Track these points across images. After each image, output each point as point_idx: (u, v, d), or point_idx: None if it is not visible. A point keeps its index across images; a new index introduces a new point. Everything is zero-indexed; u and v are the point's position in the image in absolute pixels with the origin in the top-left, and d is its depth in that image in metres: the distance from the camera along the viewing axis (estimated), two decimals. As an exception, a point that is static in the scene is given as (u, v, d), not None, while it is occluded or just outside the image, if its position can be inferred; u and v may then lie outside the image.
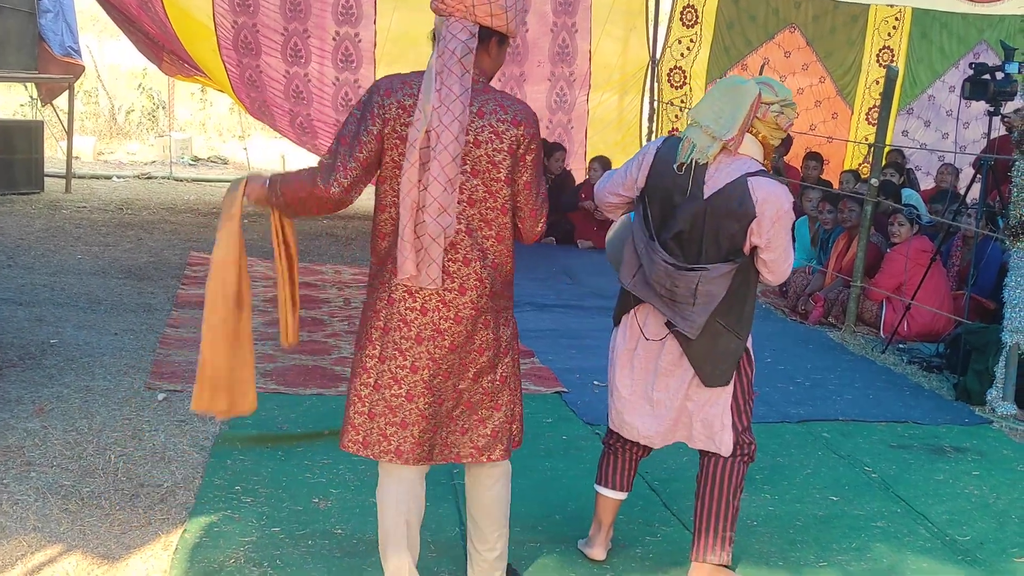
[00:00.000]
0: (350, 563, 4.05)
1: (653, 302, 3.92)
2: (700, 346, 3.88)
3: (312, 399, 5.93)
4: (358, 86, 11.99)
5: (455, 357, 3.49)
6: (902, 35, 12.75)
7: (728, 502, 4.00)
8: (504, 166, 3.43)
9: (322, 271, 9.45)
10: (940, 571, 4.32)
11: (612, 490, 4.23)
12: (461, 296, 3.46)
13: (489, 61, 3.51)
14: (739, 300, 3.89)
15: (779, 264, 3.87)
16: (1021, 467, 5.55)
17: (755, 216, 3.76)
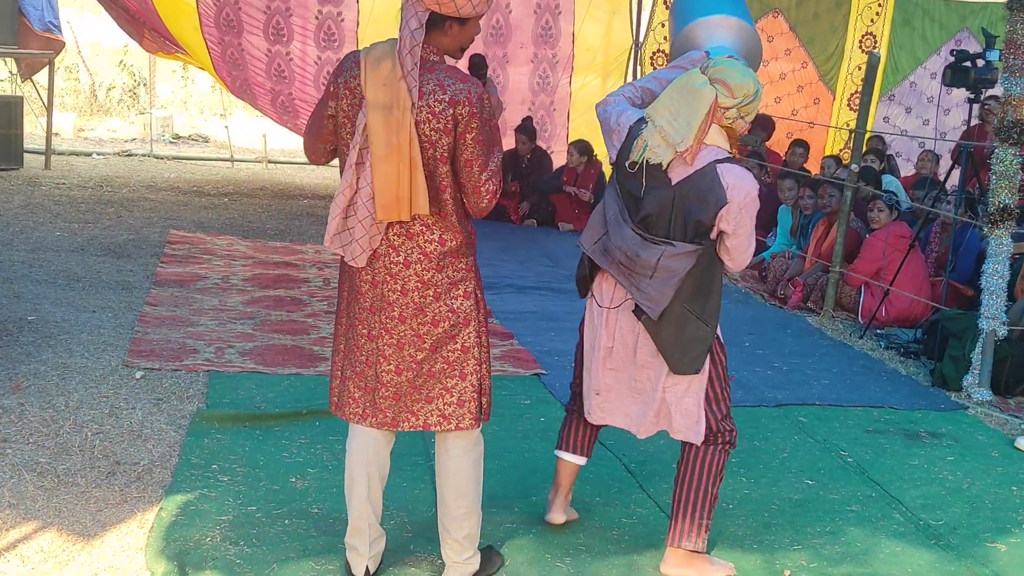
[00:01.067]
0: (326, 542, 4.06)
1: (610, 270, 3.96)
2: (668, 333, 3.90)
3: (290, 379, 5.92)
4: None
5: (407, 328, 3.63)
6: (885, 21, 12.76)
7: (706, 490, 4.03)
8: (441, 145, 3.53)
9: (302, 251, 9.42)
10: (913, 555, 4.35)
11: (572, 454, 4.31)
12: (406, 269, 3.61)
13: (448, 40, 3.59)
14: (706, 286, 3.91)
15: (741, 251, 3.90)
16: (995, 453, 5.59)
17: (727, 202, 3.77)
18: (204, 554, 3.91)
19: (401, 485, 4.62)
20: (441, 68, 3.57)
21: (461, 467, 3.78)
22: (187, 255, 8.79)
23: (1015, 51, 6.35)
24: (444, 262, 3.64)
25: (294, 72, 11.87)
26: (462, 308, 3.68)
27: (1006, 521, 4.74)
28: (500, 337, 7.03)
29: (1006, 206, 6.37)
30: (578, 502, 4.57)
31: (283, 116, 12.27)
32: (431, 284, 3.63)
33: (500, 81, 12.46)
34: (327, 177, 14.57)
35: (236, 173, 14.19)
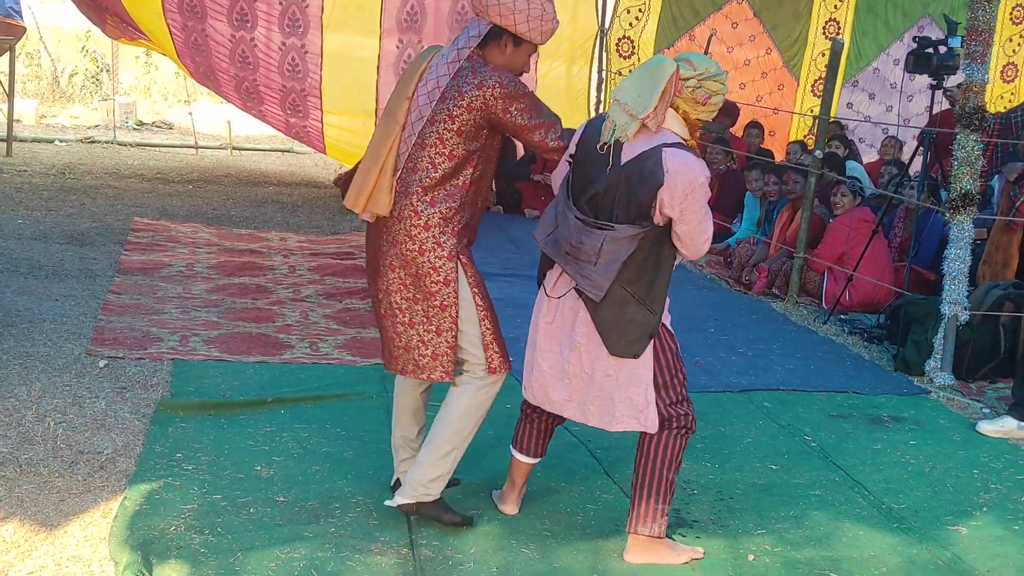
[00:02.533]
0: (292, 530, 4.05)
1: (558, 259, 4.00)
2: (606, 314, 3.92)
3: (256, 367, 5.90)
4: (305, 51, 11.87)
5: (395, 276, 4.06)
6: (848, 8, 12.80)
7: (662, 475, 4.02)
8: (462, 120, 3.97)
9: (267, 238, 9.39)
10: (875, 538, 4.39)
11: (525, 455, 4.37)
12: (398, 223, 4.03)
13: (502, 58, 4.06)
14: (649, 270, 3.92)
15: (693, 238, 3.90)
16: (957, 437, 5.64)
17: (662, 183, 3.78)
18: (168, 543, 3.89)
19: (366, 473, 4.62)
20: (479, 64, 4.01)
21: (453, 405, 4.17)
22: (151, 243, 8.74)
23: (976, 38, 6.39)
24: (432, 221, 4.01)
25: (258, 58, 11.79)
26: (444, 267, 4.02)
27: (967, 504, 4.79)
28: (466, 324, 7.03)
29: (968, 192, 6.42)
30: (543, 488, 4.60)
31: (247, 103, 12.19)
32: (417, 239, 4.00)
33: (466, 67, 12.41)
34: (292, 164, 14.52)
35: (200, 160, 14.11)
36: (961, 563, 4.22)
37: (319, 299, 7.46)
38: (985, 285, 6.93)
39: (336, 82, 12.07)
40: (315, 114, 12.19)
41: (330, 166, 13.66)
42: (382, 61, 12.20)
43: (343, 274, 8.20)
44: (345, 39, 12.00)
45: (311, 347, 6.31)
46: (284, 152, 15.27)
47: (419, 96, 4.06)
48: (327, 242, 9.40)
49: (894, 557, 4.24)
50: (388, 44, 12.16)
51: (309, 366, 5.98)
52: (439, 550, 3.99)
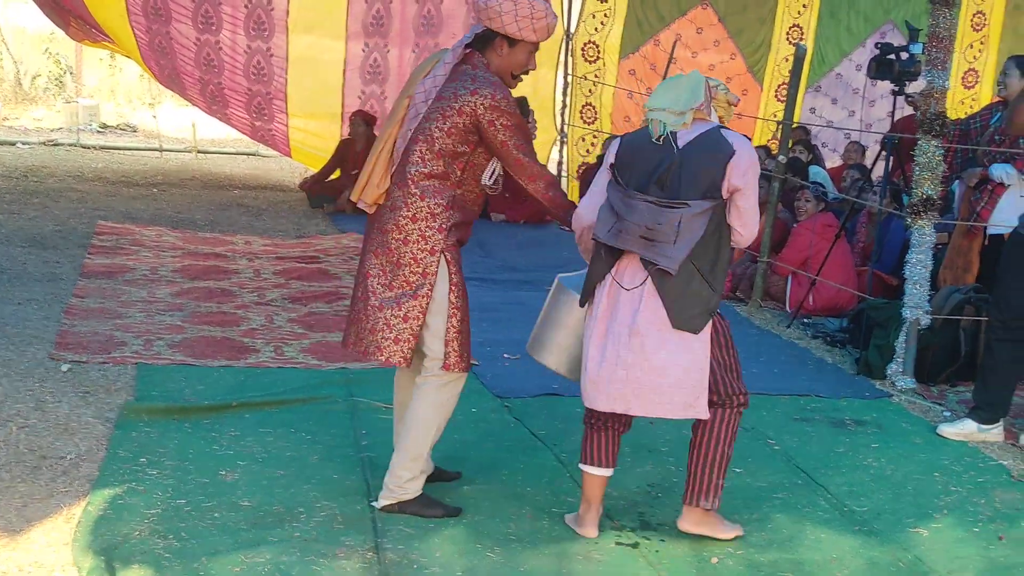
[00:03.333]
0: (256, 535, 4.04)
1: (632, 247, 4.06)
2: (675, 287, 4.04)
3: (220, 371, 5.88)
4: (270, 54, 11.85)
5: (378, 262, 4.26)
6: (811, 13, 12.90)
7: (723, 452, 4.24)
8: (452, 121, 4.16)
9: (232, 241, 9.36)
10: (838, 541, 4.42)
11: (597, 467, 4.31)
12: (391, 212, 4.22)
13: (498, 60, 4.27)
14: (712, 249, 4.09)
15: (752, 215, 4.12)
16: (918, 440, 5.69)
17: (734, 152, 4.03)
18: (132, 548, 3.88)
19: (331, 477, 4.62)
20: (481, 73, 4.21)
21: (415, 405, 4.31)
22: (115, 246, 8.70)
23: (938, 44, 6.45)
24: (420, 214, 4.20)
25: (223, 61, 11.76)
26: (424, 260, 4.20)
27: (928, 507, 4.84)
28: (432, 328, 7.04)
29: (929, 197, 6.48)
30: (509, 492, 4.61)
31: (212, 106, 12.16)
32: (403, 229, 4.20)
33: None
34: (257, 167, 14.48)
35: (165, 163, 14.05)
36: (922, 565, 4.26)
37: (284, 303, 7.44)
38: (946, 289, 6.99)
39: (302, 85, 12.05)
40: (280, 117, 12.18)
41: (296, 169, 13.63)
42: (348, 64, 12.20)
43: (308, 278, 8.18)
44: (311, 42, 12.00)
45: (276, 351, 6.30)
46: (249, 155, 15.23)
47: (418, 94, 4.25)
48: (292, 246, 9.38)
49: (856, 559, 4.28)
50: (354, 47, 12.16)
51: (274, 370, 5.96)
52: (404, 554, 3.99)
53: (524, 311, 7.70)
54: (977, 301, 6.78)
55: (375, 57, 12.25)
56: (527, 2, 4.16)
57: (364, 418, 5.33)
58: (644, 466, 5.04)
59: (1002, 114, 7.03)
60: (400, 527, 4.19)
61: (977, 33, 13.39)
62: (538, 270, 9.17)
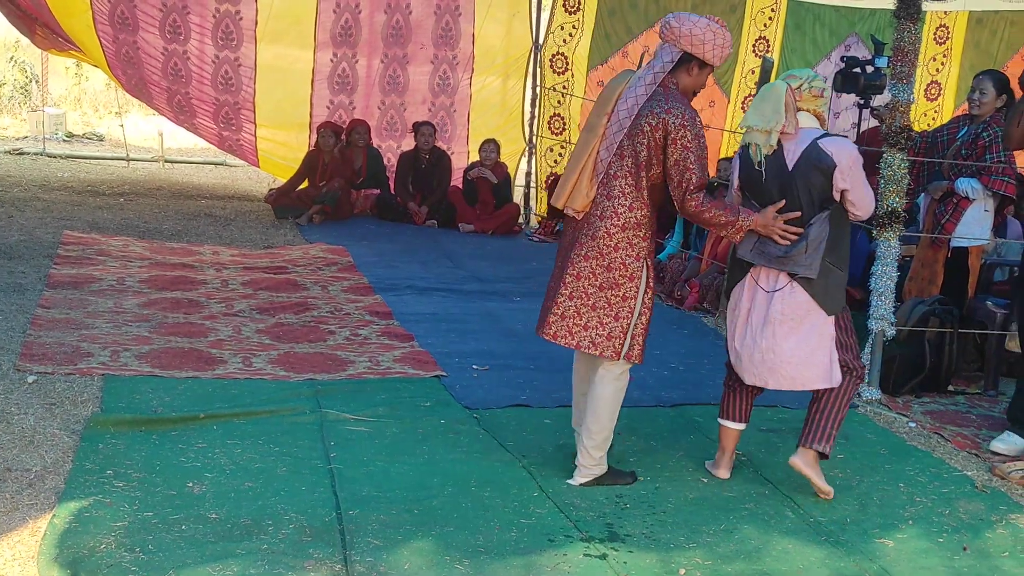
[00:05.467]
0: (224, 547, 4.03)
1: (771, 264, 4.86)
2: (819, 285, 4.82)
3: (188, 382, 5.86)
4: (238, 64, 11.83)
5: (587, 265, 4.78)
6: (777, 26, 12.99)
7: (839, 409, 4.97)
8: (653, 138, 4.68)
9: (200, 252, 9.32)
10: (804, 552, 4.45)
11: (732, 422, 5.19)
12: (600, 221, 4.76)
13: (688, 79, 4.81)
14: (838, 240, 4.86)
15: (863, 200, 4.84)
16: (884, 451, 5.73)
17: (835, 165, 4.73)
18: (99, 561, 3.86)
19: (300, 489, 4.61)
20: (673, 92, 4.75)
21: (601, 391, 4.86)
22: (81, 256, 8.65)
23: (902, 58, 6.51)
24: (628, 223, 4.74)
25: (191, 71, 11.72)
26: (632, 265, 4.76)
27: (893, 517, 4.87)
28: (400, 339, 7.04)
29: (894, 210, 6.53)
30: (477, 504, 4.61)
31: (180, 115, 12.11)
32: (614, 237, 4.74)
33: (400, 82, 12.46)
34: (225, 177, 14.44)
35: (132, 173, 13.98)
36: (888, 575, 4.30)
37: (252, 314, 7.42)
38: (911, 301, 7.05)
39: (270, 95, 12.04)
40: (248, 127, 12.15)
41: (264, 179, 13.60)
42: (316, 74, 12.19)
43: (276, 288, 8.16)
44: (279, 52, 11.98)
45: (244, 362, 6.28)
46: (217, 165, 15.18)
47: (619, 111, 4.74)
48: (260, 256, 9.35)
49: (822, 570, 4.30)
50: (322, 57, 12.15)
51: (242, 381, 5.95)
52: (373, 566, 3.99)
53: (492, 322, 7.73)
54: (942, 313, 6.84)
55: (344, 67, 12.24)
56: (722, 33, 4.76)
57: (332, 430, 5.33)
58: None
59: (969, 128, 7.11)
60: (368, 539, 4.19)
61: (940, 46, 13.52)
62: (506, 281, 9.19)
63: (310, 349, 6.67)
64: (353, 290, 8.38)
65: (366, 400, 5.78)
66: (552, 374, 6.50)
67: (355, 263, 9.31)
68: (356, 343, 6.90)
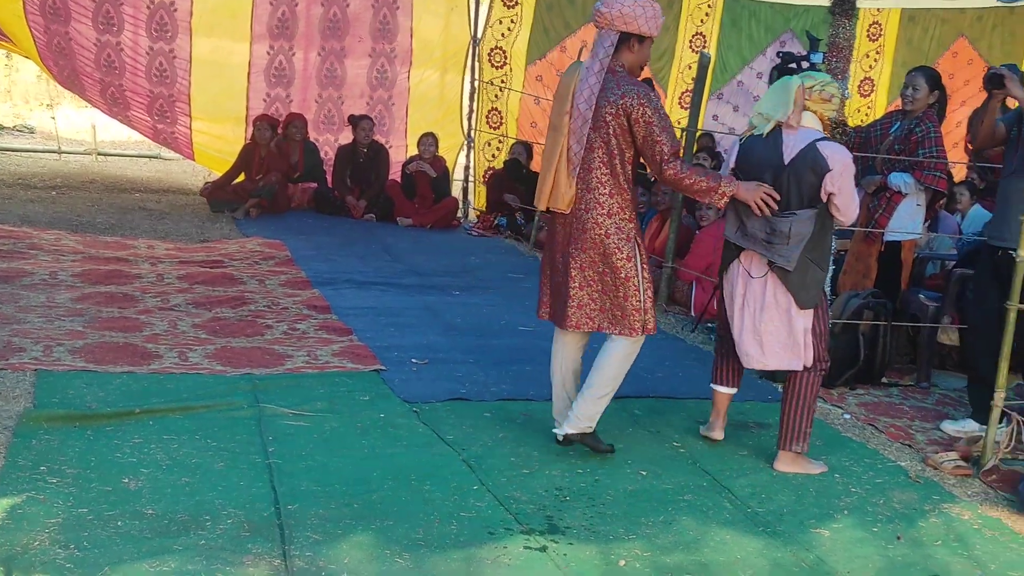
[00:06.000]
0: (161, 543, 3.99)
1: (755, 248, 5.17)
2: (796, 279, 5.13)
3: (123, 377, 5.79)
4: (173, 56, 11.70)
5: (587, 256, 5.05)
6: (714, 22, 13.08)
7: (809, 405, 5.30)
8: (617, 124, 4.93)
9: (135, 245, 9.21)
10: (742, 542, 4.49)
11: (724, 386, 5.60)
12: (586, 213, 5.02)
13: (632, 56, 5.02)
14: (821, 239, 5.17)
15: (847, 206, 5.13)
16: (819, 442, 5.78)
17: (829, 169, 5.03)
18: (32, 559, 3.80)
19: (238, 484, 4.57)
20: (622, 75, 4.99)
21: (611, 357, 5.17)
22: (11, 250, 8.51)
23: (837, 54, 6.60)
24: (613, 210, 5.00)
25: (124, 63, 11.58)
26: (625, 247, 5.02)
27: (829, 508, 4.94)
28: (339, 333, 7.01)
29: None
30: (417, 497, 4.60)
31: (113, 108, 11.96)
32: (602, 226, 5.00)
33: (338, 75, 12.39)
34: (160, 170, 14.29)
35: (64, 165, 13.79)
36: (824, 565, 4.35)
37: (188, 308, 7.34)
38: (845, 295, 7.13)
39: (205, 88, 11.92)
40: (183, 120, 12.03)
41: (199, 173, 13.47)
42: (252, 67, 12.09)
43: (213, 283, 8.09)
44: (215, 44, 11.88)
45: (180, 357, 6.22)
46: (152, 158, 15.01)
47: (578, 104, 4.95)
48: (196, 250, 9.26)
49: (760, 560, 4.35)
50: (259, 50, 12.07)
51: (178, 376, 5.88)
52: (312, 561, 3.97)
53: (431, 316, 7.72)
54: (875, 306, 6.93)
55: (280, 60, 12.15)
56: (651, 4, 4.95)
57: (271, 424, 5.29)
58: (552, 470, 5.07)
59: (902, 123, 7.20)
60: (308, 533, 4.17)
61: (873, 43, 13.70)
62: (445, 275, 9.18)
63: (247, 343, 6.62)
64: (291, 284, 8.33)
65: (304, 394, 5.75)
66: (491, 368, 6.50)
67: (292, 257, 9.25)
68: (294, 337, 6.86)
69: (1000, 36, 13.92)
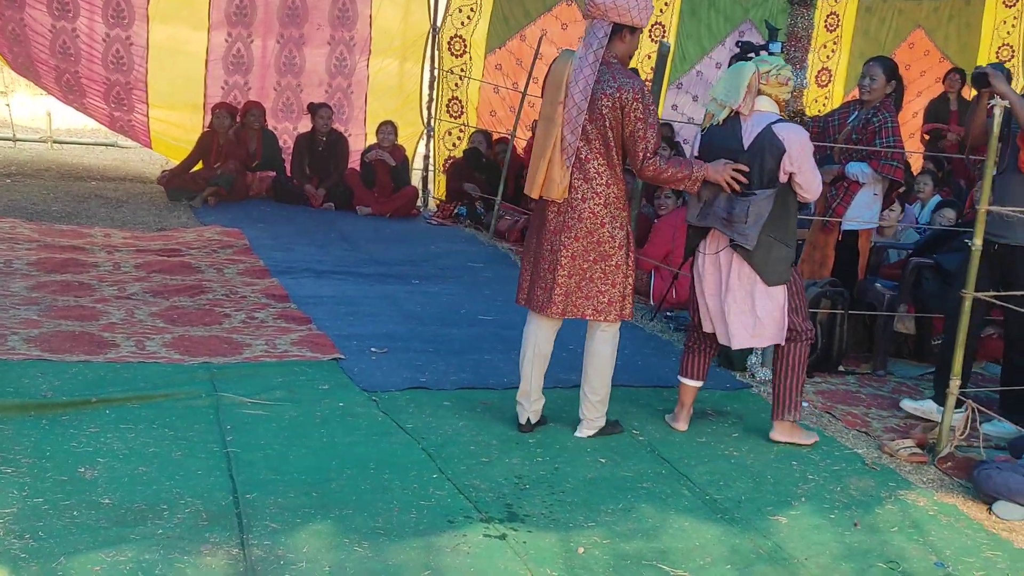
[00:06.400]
0: (118, 533, 3.96)
1: (715, 225, 5.31)
2: (759, 257, 5.28)
3: (79, 366, 5.74)
4: (130, 43, 11.59)
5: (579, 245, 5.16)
6: (673, 12, 13.10)
7: (798, 375, 5.50)
8: (612, 116, 5.01)
9: (91, 234, 9.13)
10: (701, 529, 4.51)
11: (691, 379, 5.68)
12: (582, 203, 5.12)
13: (623, 46, 5.11)
14: (783, 218, 5.29)
15: (809, 183, 5.28)
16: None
17: (785, 150, 5.15)
18: (-13, 549, 3.77)
19: (195, 473, 4.55)
20: (616, 67, 5.07)
21: (602, 350, 5.34)
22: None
23: (795, 44, 6.62)
24: (608, 201, 5.12)
25: (80, 50, 11.46)
26: (619, 235, 5.18)
27: (787, 495, 4.97)
28: (298, 322, 6.97)
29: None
30: (376, 486, 4.59)
31: (69, 95, 11.83)
32: (598, 215, 5.12)
33: (297, 63, 12.33)
34: (116, 158, 14.16)
35: (18, 153, 13.63)
36: (781, 552, 4.38)
37: (146, 296, 7.29)
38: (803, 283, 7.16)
39: (162, 75, 11.83)
40: (140, 107, 11.92)
41: (156, 161, 13.36)
42: (210, 55, 12.01)
43: (170, 271, 8.03)
44: (172, 32, 11.78)
45: (137, 346, 6.17)
46: (108, 146, 14.87)
47: (573, 94, 5.00)
48: (153, 239, 9.19)
49: (718, 547, 4.37)
50: (216, 38, 11.98)
51: (135, 365, 5.84)
52: (270, 550, 3.95)
53: (391, 305, 7.70)
54: (833, 295, 6.98)
55: (239, 47, 12.07)
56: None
57: (229, 413, 5.26)
58: (512, 458, 5.07)
59: (859, 113, 7.24)
60: (266, 522, 4.15)
61: (831, 33, 13.77)
62: (404, 264, 9.16)
63: (205, 332, 6.58)
64: (249, 273, 8.28)
65: (263, 383, 5.72)
66: (450, 356, 6.50)
67: (251, 246, 9.19)
68: (252, 326, 6.82)
69: (956, 27, 14.04)
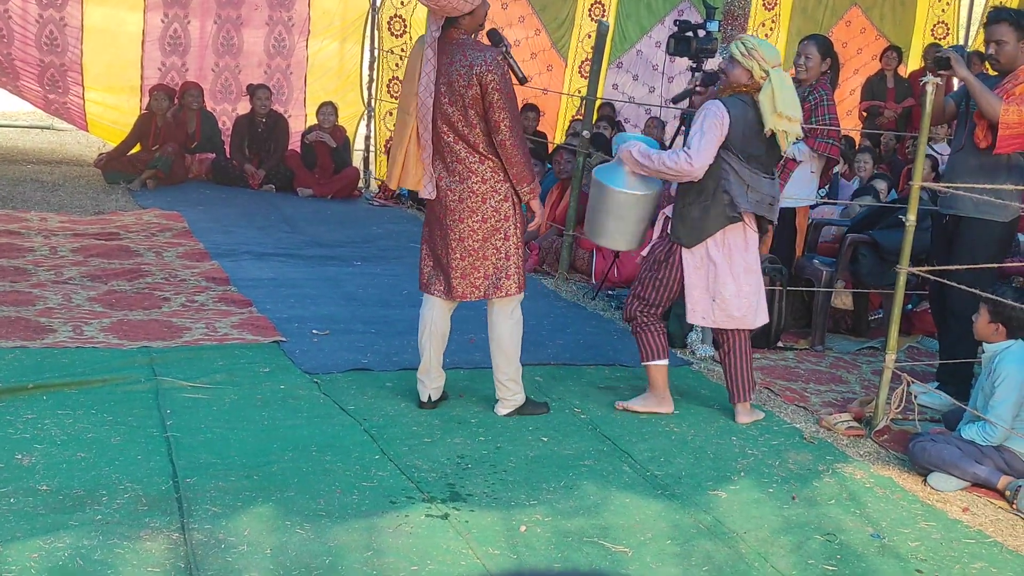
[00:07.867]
0: (56, 519, 3.93)
1: (765, 212, 5.48)
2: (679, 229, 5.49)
3: (15, 352, 5.67)
4: (64, 24, 11.44)
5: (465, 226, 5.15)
6: (613, -9, 13.14)
7: (747, 357, 5.66)
8: (468, 95, 4.98)
9: (27, 218, 9.01)
10: (642, 505, 4.55)
11: (663, 359, 5.66)
12: (460, 183, 5.12)
13: (467, 21, 5.04)
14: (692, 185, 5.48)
15: None
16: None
17: None
18: (-77, 538, 3.72)
19: (135, 458, 4.52)
20: (467, 43, 5.04)
21: (505, 327, 5.32)
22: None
23: (733, 23, 6.68)
24: (486, 175, 5.11)
25: (13, 31, 11.29)
26: (503, 206, 5.16)
27: (726, 470, 5.02)
28: (238, 305, 6.94)
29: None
30: (318, 468, 4.59)
31: (1, 78, 11.66)
32: (478, 192, 5.12)
33: (235, 44, 12.22)
34: (52, 141, 13.97)
35: (-49, 137, 13.42)
36: (721, 526, 4.43)
37: (83, 281, 7.21)
38: (743, 260, 7.22)
39: (98, 57, 11.69)
40: (76, 90, 11.78)
41: (93, 144, 13.20)
42: (147, 36, 11.88)
43: (108, 255, 7.95)
44: (107, 13, 11.64)
45: (75, 331, 6.11)
46: (44, 129, 14.68)
47: (419, 93, 5.04)
48: (91, 222, 9.09)
49: (659, 523, 4.41)
50: (153, 19, 11.85)
51: (73, 350, 5.78)
52: (211, 533, 3.94)
53: (331, 286, 7.68)
54: (771, 271, 7.04)
55: (175, 28, 11.95)
56: None
57: (168, 398, 5.23)
58: (454, 438, 5.08)
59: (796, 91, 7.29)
60: (207, 506, 4.13)
61: (768, 12, 13.86)
62: (346, 246, 9.13)
63: (144, 316, 6.53)
64: (188, 256, 8.22)
65: (203, 367, 5.69)
66: (392, 338, 6.49)
67: (190, 229, 9.12)
68: (192, 309, 6.77)
69: (891, 5, 14.19)
